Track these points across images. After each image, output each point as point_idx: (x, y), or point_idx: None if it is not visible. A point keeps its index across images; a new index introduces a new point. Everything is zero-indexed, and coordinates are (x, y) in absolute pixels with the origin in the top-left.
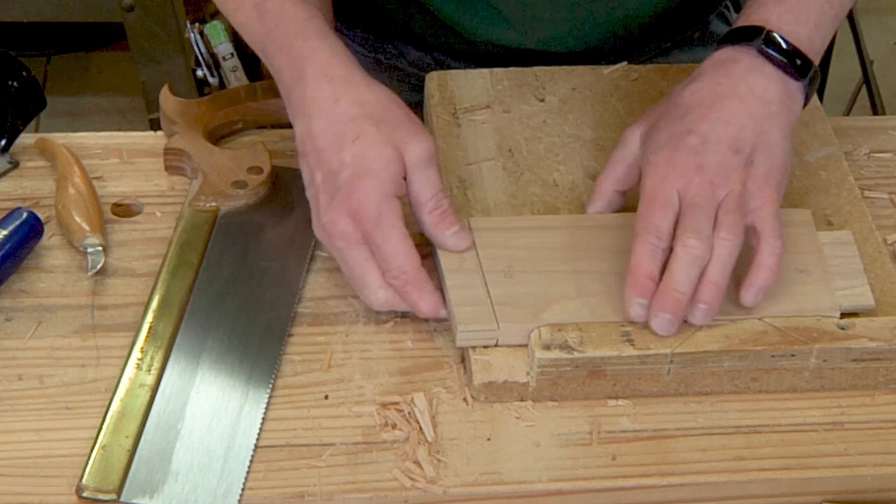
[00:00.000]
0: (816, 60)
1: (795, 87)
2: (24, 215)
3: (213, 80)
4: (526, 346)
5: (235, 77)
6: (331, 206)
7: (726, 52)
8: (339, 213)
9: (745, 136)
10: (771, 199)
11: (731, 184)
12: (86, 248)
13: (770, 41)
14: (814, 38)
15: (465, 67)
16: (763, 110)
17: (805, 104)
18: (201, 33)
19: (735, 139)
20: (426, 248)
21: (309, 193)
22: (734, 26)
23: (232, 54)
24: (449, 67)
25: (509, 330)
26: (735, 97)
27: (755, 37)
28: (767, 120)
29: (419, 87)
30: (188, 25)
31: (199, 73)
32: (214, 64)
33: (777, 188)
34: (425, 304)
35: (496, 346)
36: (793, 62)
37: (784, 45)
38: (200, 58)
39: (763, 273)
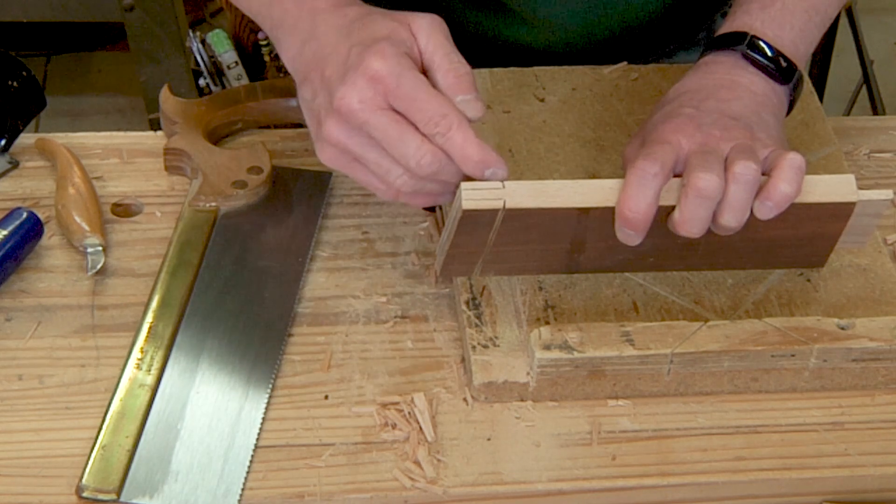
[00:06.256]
0: (801, 65)
1: (780, 90)
2: (24, 215)
3: (215, 89)
4: (526, 341)
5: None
6: (343, 82)
7: (710, 57)
8: (353, 81)
9: (738, 110)
10: (782, 148)
11: (737, 138)
12: (86, 248)
13: (754, 46)
14: (798, 44)
15: None
16: (751, 98)
17: (789, 111)
18: (203, 41)
19: (730, 111)
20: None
21: (310, 107)
22: (718, 32)
23: (236, 62)
24: None
25: (516, 189)
26: (722, 87)
27: (739, 42)
28: (756, 104)
29: None
30: (189, 34)
31: (202, 81)
32: (217, 72)
33: (784, 148)
34: (474, 148)
35: (504, 208)
36: (777, 66)
37: (768, 51)
38: (203, 66)
39: (782, 185)
